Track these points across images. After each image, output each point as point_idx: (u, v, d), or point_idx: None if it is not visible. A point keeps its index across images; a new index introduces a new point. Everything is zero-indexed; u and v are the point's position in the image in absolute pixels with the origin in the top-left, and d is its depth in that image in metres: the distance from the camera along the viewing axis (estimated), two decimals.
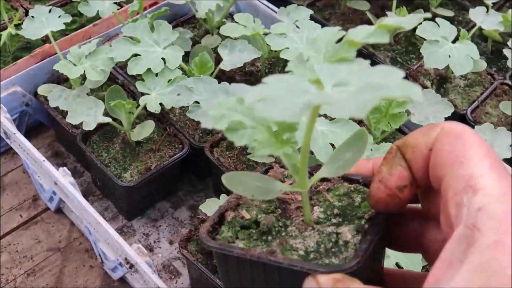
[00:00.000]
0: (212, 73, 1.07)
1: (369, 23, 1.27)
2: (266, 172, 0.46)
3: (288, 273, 0.38)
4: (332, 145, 0.82)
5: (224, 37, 1.17)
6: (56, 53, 1.15)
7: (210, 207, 0.91)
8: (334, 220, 0.42)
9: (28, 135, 1.19)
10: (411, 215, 0.44)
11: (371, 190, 0.40)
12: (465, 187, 0.35)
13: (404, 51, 1.27)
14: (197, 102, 0.95)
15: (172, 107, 1.05)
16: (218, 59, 1.12)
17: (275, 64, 1.22)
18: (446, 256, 0.34)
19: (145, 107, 1.03)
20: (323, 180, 0.45)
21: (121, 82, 1.16)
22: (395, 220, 0.43)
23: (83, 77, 1.10)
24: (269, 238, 0.42)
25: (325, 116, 0.88)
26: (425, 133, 0.38)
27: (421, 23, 1.13)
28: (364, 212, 0.42)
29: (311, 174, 0.43)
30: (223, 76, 1.16)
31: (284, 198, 0.44)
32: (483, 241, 0.32)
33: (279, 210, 0.43)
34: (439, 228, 0.39)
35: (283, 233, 0.42)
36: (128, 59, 1.05)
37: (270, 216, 0.42)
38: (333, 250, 0.39)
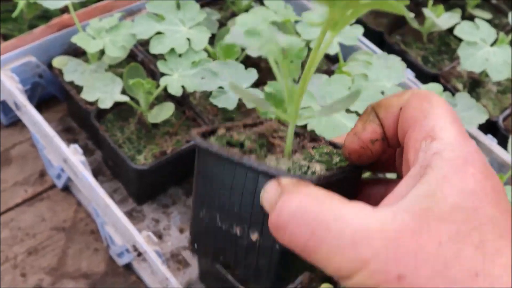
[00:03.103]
0: (237, 58, 1.02)
1: (402, 18, 1.21)
2: (265, 121, 0.49)
3: (255, 177, 0.41)
4: None
5: None
6: (74, 25, 1.10)
7: None
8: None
9: (39, 107, 1.13)
10: (377, 180, 0.48)
11: (345, 141, 0.45)
12: (425, 136, 0.39)
13: (437, 50, 1.21)
14: (221, 87, 0.90)
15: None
16: None
17: None
18: (397, 190, 0.38)
19: (164, 88, 0.98)
20: (312, 141, 0.48)
21: (140, 59, 1.11)
22: (361, 183, 0.48)
23: (101, 52, 1.06)
24: None
25: (357, 113, 0.83)
26: (397, 96, 0.42)
27: (459, 23, 1.07)
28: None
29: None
30: (248, 63, 1.11)
31: (273, 142, 0.46)
32: (432, 175, 0.36)
33: (265, 147, 0.46)
34: None
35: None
36: (151, 37, 1.00)
37: (255, 144, 0.45)
38: (300, 175, 0.43)
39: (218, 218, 0.44)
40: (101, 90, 0.97)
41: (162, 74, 1.00)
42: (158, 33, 1.00)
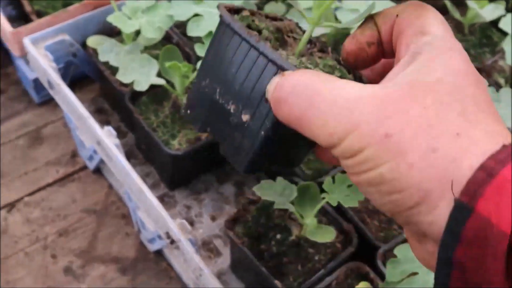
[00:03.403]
0: None
1: (444, 9, 1.18)
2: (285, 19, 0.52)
3: (265, 63, 0.44)
4: None
5: (289, 6, 1.09)
6: (109, 4, 1.08)
7: (264, 189, 0.84)
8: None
9: (72, 87, 1.12)
10: None
11: (344, 44, 0.47)
12: (416, 32, 0.42)
13: (478, 43, 1.18)
14: None
15: None
16: None
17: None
18: (387, 76, 0.41)
19: None
20: (320, 51, 0.50)
21: (175, 42, 1.09)
22: None
23: (136, 33, 1.04)
24: None
25: None
26: (395, 6, 0.45)
27: (504, 15, 1.04)
28: None
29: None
30: None
31: (287, 40, 0.49)
32: (421, 58, 0.39)
33: (279, 42, 0.48)
34: None
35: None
36: (188, 19, 0.98)
37: (272, 35, 0.48)
38: None
39: (218, 91, 0.47)
40: (137, 72, 0.95)
41: (198, 58, 0.98)
42: (196, 15, 0.98)
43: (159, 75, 0.97)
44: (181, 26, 1.10)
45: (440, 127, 0.36)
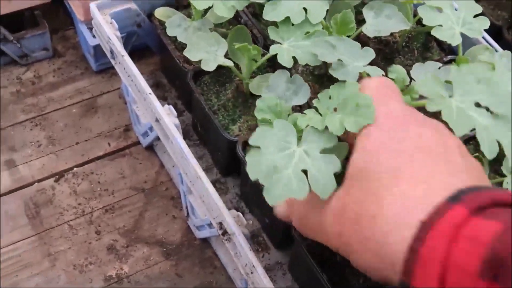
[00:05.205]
0: (349, 36, 0.93)
1: None
2: None
3: None
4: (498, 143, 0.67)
5: None
6: None
7: None
8: None
9: (131, 57, 1.08)
10: None
11: None
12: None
13: None
14: (340, 60, 0.82)
15: (295, 62, 0.93)
16: (356, 20, 0.98)
17: (414, 38, 1.07)
18: None
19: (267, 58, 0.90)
20: None
21: (244, 22, 1.04)
22: None
23: (205, 9, 0.98)
24: None
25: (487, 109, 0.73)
26: None
27: None
28: None
29: None
30: (357, 40, 1.02)
31: None
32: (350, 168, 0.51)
33: None
34: None
35: None
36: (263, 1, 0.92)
37: None
38: None
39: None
40: (205, 51, 0.90)
41: (266, 41, 0.93)
42: None
43: (225, 55, 0.92)
44: (250, 5, 1.05)
45: (363, 217, 0.47)
